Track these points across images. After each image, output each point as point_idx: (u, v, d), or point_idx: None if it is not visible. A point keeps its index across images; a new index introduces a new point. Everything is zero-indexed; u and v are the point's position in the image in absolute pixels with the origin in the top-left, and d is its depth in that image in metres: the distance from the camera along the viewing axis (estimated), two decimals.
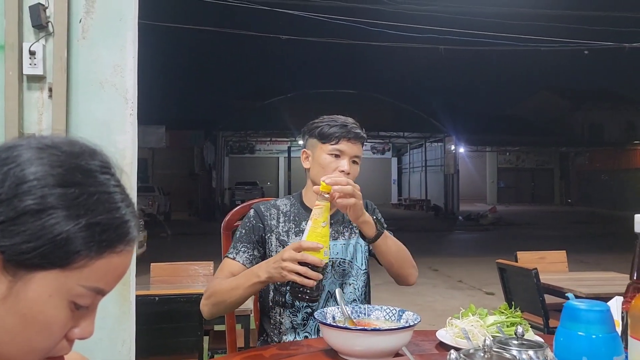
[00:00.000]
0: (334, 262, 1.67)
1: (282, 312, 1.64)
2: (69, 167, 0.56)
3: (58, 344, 0.59)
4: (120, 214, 0.58)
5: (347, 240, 1.72)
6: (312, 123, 1.73)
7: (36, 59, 1.90)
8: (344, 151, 1.65)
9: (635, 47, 14.07)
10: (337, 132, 1.65)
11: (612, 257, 9.37)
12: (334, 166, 1.64)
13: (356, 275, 1.70)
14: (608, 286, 3.73)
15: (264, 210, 1.71)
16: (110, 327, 1.96)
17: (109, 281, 0.60)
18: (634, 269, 0.76)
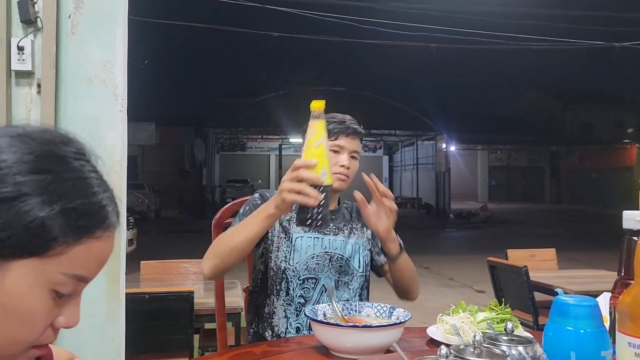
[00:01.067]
0: (332, 256, 1.67)
1: (276, 301, 1.64)
2: (41, 154, 0.55)
3: (42, 333, 0.58)
4: (97, 198, 0.57)
5: (346, 238, 1.72)
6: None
7: (24, 55, 1.89)
8: (343, 146, 1.68)
9: (625, 47, 14.17)
10: (336, 128, 1.67)
11: (602, 254, 9.45)
12: (334, 161, 1.65)
13: (352, 275, 1.70)
14: (597, 283, 3.77)
15: (269, 196, 1.68)
16: (100, 325, 1.95)
17: (90, 268, 0.59)
18: (621, 265, 0.76)
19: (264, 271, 1.69)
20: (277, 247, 1.66)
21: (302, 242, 1.66)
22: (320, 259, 1.66)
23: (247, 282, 1.84)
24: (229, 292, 3.04)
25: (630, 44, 14.17)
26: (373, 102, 26.07)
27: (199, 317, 2.86)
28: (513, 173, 36.87)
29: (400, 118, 26.62)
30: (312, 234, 1.67)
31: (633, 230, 0.74)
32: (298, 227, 1.65)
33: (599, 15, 16.73)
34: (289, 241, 1.66)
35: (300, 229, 1.66)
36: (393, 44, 16.49)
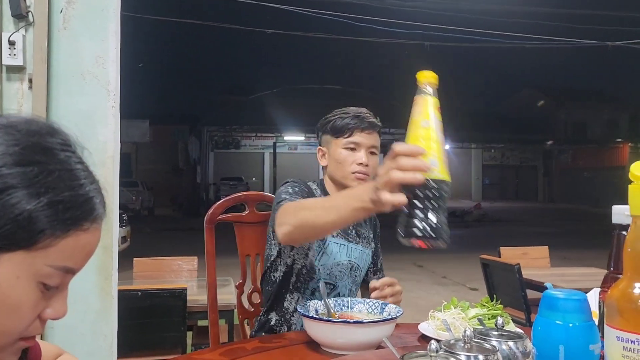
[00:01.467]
0: (352, 266, 1.64)
1: (301, 299, 1.59)
2: (27, 146, 0.55)
3: (30, 325, 0.58)
4: (84, 190, 0.57)
5: (364, 248, 1.69)
6: (325, 118, 1.67)
7: (16, 49, 1.87)
8: (359, 143, 1.59)
9: (618, 46, 14.24)
10: (350, 124, 1.59)
11: (594, 253, 9.51)
12: (351, 160, 1.58)
13: (359, 285, 1.70)
14: (589, 281, 3.78)
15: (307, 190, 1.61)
16: (92, 322, 1.94)
17: (77, 260, 0.58)
18: (610, 259, 0.77)
19: (291, 266, 1.61)
20: (309, 246, 1.58)
21: (331, 247, 1.60)
22: (343, 268, 1.62)
23: (240, 278, 1.84)
24: (221, 289, 3.03)
25: (623, 43, 14.24)
26: (367, 100, 26.07)
27: (191, 314, 2.85)
28: (506, 172, 37.02)
29: (395, 116, 26.60)
30: (339, 240, 1.62)
31: (622, 224, 0.74)
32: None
33: (592, 14, 16.80)
34: (322, 241, 1.59)
35: None
36: (387, 42, 16.50)
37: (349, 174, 1.59)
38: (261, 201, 1.87)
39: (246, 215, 1.81)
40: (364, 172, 1.58)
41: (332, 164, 1.63)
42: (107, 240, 1.93)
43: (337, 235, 1.62)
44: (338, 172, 1.61)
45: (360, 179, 1.58)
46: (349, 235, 1.65)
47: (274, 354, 1.23)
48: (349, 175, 1.59)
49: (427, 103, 0.99)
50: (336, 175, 1.62)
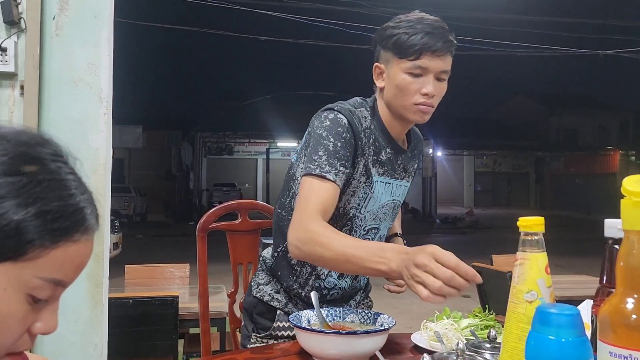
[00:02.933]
0: (395, 204, 1.50)
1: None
2: (15, 155, 0.54)
3: (18, 339, 0.56)
4: (75, 201, 0.56)
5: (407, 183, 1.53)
6: (386, 28, 1.39)
7: (7, 56, 1.86)
8: (427, 68, 1.32)
9: (609, 55, 14.37)
10: (419, 44, 1.30)
11: (585, 260, 9.55)
12: (415, 88, 1.33)
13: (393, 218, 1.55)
14: (580, 289, 3.80)
15: (357, 123, 1.37)
16: (82, 331, 1.92)
17: (67, 272, 0.57)
18: (603, 272, 0.77)
19: None
20: (354, 191, 1.40)
21: (378, 188, 1.43)
22: (387, 209, 1.48)
23: (232, 287, 1.83)
24: (213, 297, 3.02)
25: (614, 52, 14.38)
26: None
27: (183, 322, 2.83)
28: (498, 178, 37.21)
29: None
30: (385, 178, 1.44)
31: (615, 238, 0.74)
32: (374, 167, 1.40)
33: (583, 23, 16.96)
34: (369, 186, 1.41)
35: (375, 171, 1.41)
36: None
37: (410, 105, 1.36)
38: (253, 209, 1.86)
39: (238, 224, 1.81)
40: (429, 104, 1.35)
41: (390, 88, 1.38)
42: (98, 247, 1.92)
43: (383, 174, 1.43)
44: (397, 100, 1.38)
45: (423, 112, 1.36)
46: (395, 171, 1.47)
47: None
48: (410, 107, 1.36)
49: (536, 262, 0.78)
50: (394, 102, 1.39)
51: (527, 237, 0.79)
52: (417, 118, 1.38)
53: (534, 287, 0.77)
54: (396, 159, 1.46)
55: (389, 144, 1.44)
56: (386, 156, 1.43)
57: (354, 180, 1.38)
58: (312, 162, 1.29)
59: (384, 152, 1.42)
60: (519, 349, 0.74)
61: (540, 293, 0.76)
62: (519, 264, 0.79)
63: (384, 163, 1.42)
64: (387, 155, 1.43)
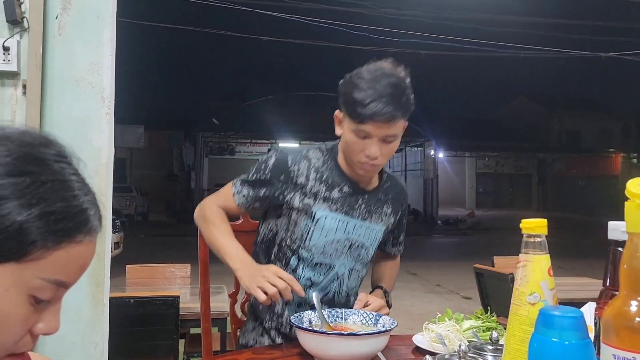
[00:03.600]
0: (352, 243, 1.50)
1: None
2: (19, 156, 0.54)
3: (20, 340, 0.56)
4: (78, 202, 0.56)
5: (372, 224, 1.53)
6: (346, 83, 1.40)
7: (10, 55, 1.86)
8: (370, 133, 1.35)
9: (611, 57, 14.36)
10: (364, 112, 1.32)
11: (587, 262, 9.54)
12: (360, 148, 1.38)
13: (365, 264, 1.57)
14: (582, 291, 3.79)
15: (291, 164, 1.47)
16: (83, 330, 1.92)
17: (70, 273, 0.57)
18: (606, 275, 0.76)
19: (272, 239, 1.54)
20: (295, 222, 1.47)
21: (324, 222, 1.46)
22: (340, 245, 1.48)
23: (233, 287, 1.82)
24: (215, 297, 3.01)
25: (616, 54, 14.36)
26: None
27: (184, 322, 2.83)
28: (500, 180, 37.15)
29: None
30: (338, 215, 1.47)
31: (618, 241, 0.74)
32: (324, 203, 1.46)
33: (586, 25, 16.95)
34: (310, 219, 1.46)
35: (325, 206, 1.46)
36: (383, 50, 16.56)
37: (356, 162, 1.42)
38: None
39: (240, 224, 1.80)
40: (372, 164, 1.40)
41: (342, 140, 1.45)
42: (99, 247, 1.91)
43: (336, 210, 1.47)
44: (346, 152, 1.45)
45: (366, 170, 1.43)
46: (353, 210, 1.49)
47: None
48: (356, 162, 1.42)
49: (538, 264, 0.78)
50: (345, 153, 1.47)
51: (529, 239, 0.79)
52: (362, 173, 1.45)
53: (536, 289, 0.77)
54: (355, 199, 1.50)
55: (345, 183, 1.49)
56: (341, 194, 1.48)
57: (293, 211, 1.47)
58: (239, 177, 1.57)
59: (337, 189, 1.48)
60: (521, 351, 0.74)
61: (543, 295, 0.77)
62: (522, 266, 0.79)
63: (336, 200, 1.48)
64: (342, 193, 1.48)
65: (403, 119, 1.38)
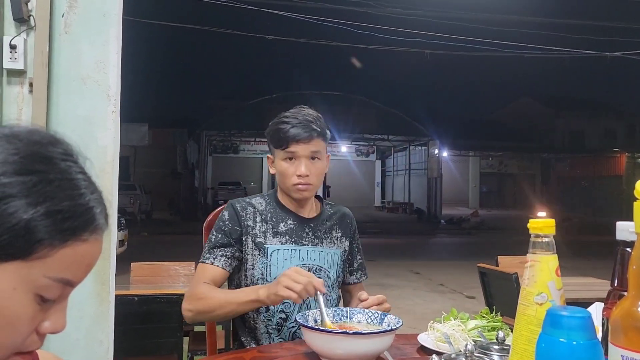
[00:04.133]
0: (310, 268, 1.60)
1: (256, 317, 1.59)
2: (27, 155, 0.54)
3: (26, 339, 0.56)
4: (84, 200, 0.56)
5: (325, 248, 1.66)
6: (271, 124, 1.65)
7: (17, 53, 1.87)
8: (296, 152, 1.57)
9: (617, 57, 14.30)
10: (284, 137, 1.56)
11: (591, 262, 9.52)
12: (291, 172, 1.58)
13: (331, 286, 1.65)
14: (586, 291, 3.78)
15: (240, 210, 1.63)
16: (88, 328, 1.93)
17: (76, 272, 0.57)
18: (614, 275, 0.76)
19: (238, 286, 1.63)
20: (252, 264, 1.60)
21: (278, 255, 1.60)
22: None
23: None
24: None
25: (622, 54, 14.30)
26: (367, 107, 26.16)
27: None
28: (504, 180, 37.07)
29: (394, 123, 26.69)
30: (289, 245, 1.61)
31: (626, 241, 0.74)
32: (274, 238, 1.61)
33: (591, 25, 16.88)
34: (265, 257, 1.59)
35: (276, 241, 1.60)
36: (388, 50, 16.55)
37: (290, 186, 1.60)
38: None
39: None
40: (305, 182, 1.58)
41: (277, 174, 1.64)
42: (105, 245, 1.91)
43: (286, 242, 1.61)
44: (282, 183, 1.63)
45: (301, 190, 1.59)
46: (302, 238, 1.63)
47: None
48: (291, 187, 1.60)
49: (546, 264, 0.78)
50: (282, 185, 1.64)
51: (537, 239, 0.79)
52: (298, 196, 1.61)
53: (544, 289, 0.77)
54: (301, 228, 1.64)
55: (288, 217, 1.65)
56: (287, 227, 1.63)
57: (247, 255, 1.59)
58: (202, 255, 1.59)
59: (282, 224, 1.63)
60: (528, 351, 0.74)
61: (550, 295, 0.76)
62: (529, 266, 0.79)
63: (284, 233, 1.62)
64: (287, 226, 1.63)
65: (321, 139, 1.60)
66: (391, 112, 26.91)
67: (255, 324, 1.60)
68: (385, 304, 1.43)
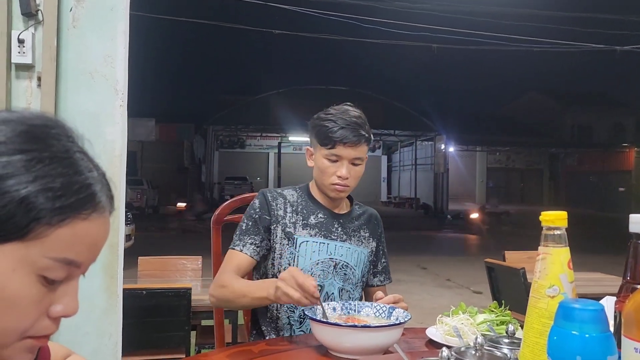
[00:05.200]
0: (337, 263, 1.62)
1: (279, 307, 1.60)
2: (21, 133, 0.54)
3: (35, 322, 0.55)
4: (81, 177, 0.55)
5: (353, 246, 1.67)
6: (316, 118, 1.65)
7: (25, 48, 1.87)
8: (341, 156, 1.58)
9: (626, 50, 14.18)
10: (334, 137, 1.56)
11: (599, 258, 9.47)
12: (332, 171, 1.59)
13: (355, 284, 1.66)
14: (594, 286, 3.77)
15: (271, 199, 1.65)
16: (97, 320, 1.94)
17: (78, 251, 0.55)
18: (627, 268, 0.75)
19: (267, 275, 1.65)
20: (280, 254, 1.61)
21: (307, 247, 1.61)
22: (325, 266, 1.61)
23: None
24: None
25: (632, 48, 14.18)
26: (373, 102, 26.06)
27: (196, 313, 2.85)
28: (511, 175, 36.91)
29: (400, 118, 26.64)
30: (318, 238, 1.63)
31: (639, 234, 0.73)
32: (304, 230, 1.62)
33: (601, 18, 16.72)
34: (293, 247, 1.61)
35: (305, 233, 1.62)
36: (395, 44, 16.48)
37: (328, 185, 1.61)
38: None
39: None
40: (343, 184, 1.60)
41: (315, 169, 1.65)
42: (113, 238, 1.93)
43: (315, 234, 1.63)
44: (319, 178, 1.64)
45: (338, 191, 1.62)
46: (332, 233, 1.65)
47: (280, 357, 1.22)
48: (328, 186, 1.62)
49: (558, 257, 0.77)
50: (318, 180, 1.66)
51: (549, 232, 0.78)
52: (334, 195, 1.64)
53: (556, 282, 0.76)
54: (331, 222, 1.67)
55: (319, 211, 1.67)
56: (317, 220, 1.66)
57: (276, 244, 1.62)
58: (233, 241, 1.61)
59: (313, 217, 1.66)
60: (540, 344, 0.73)
61: (562, 288, 0.76)
62: (541, 258, 0.78)
63: (314, 226, 1.64)
64: (317, 219, 1.66)
65: (366, 144, 1.62)
66: (397, 107, 26.84)
67: (278, 314, 1.61)
68: (402, 303, 1.40)
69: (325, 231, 1.64)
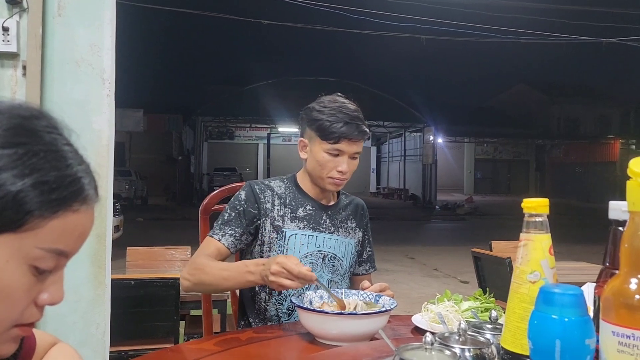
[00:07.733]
0: (325, 255, 1.63)
1: (267, 299, 1.61)
2: (11, 128, 0.54)
3: (24, 311, 0.57)
4: (72, 171, 0.56)
5: (340, 237, 1.68)
6: (312, 110, 1.62)
7: (9, 36, 1.85)
8: (343, 150, 1.58)
9: (612, 43, 14.28)
10: (338, 132, 1.55)
11: (584, 247, 9.59)
12: (332, 165, 1.59)
13: (343, 275, 1.67)
14: (579, 275, 3.82)
15: (259, 192, 1.63)
16: (84, 311, 1.93)
17: (69, 242, 0.57)
18: (607, 255, 0.77)
19: None
20: (269, 247, 1.61)
21: (295, 239, 1.61)
22: (314, 258, 1.62)
23: None
24: None
25: (618, 40, 14.28)
26: (362, 93, 26.00)
27: (184, 303, 2.86)
28: (499, 166, 37.18)
29: (389, 109, 26.65)
30: (307, 231, 1.63)
31: (619, 220, 0.75)
32: (292, 223, 1.62)
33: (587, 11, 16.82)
34: (282, 240, 1.61)
35: (294, 225, 1.62)
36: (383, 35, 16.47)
37: (326, 178, 1.61)
38: None
39: None
40: (342, 178, 1.61)
41: (312, 161, 1.63)
42: (100, 229, 1.93)
43: (304, 227, 1.63)
44: (316, 171, 1.63)
45: (337, 185, 1.63)
46: (320, 225, 1.65)
47: (268, 345, 1.23)
48: (326, 179, 1.61)
49: (539, 243, 0.78)
50: (314, 173, 1.64)
51: (531, 219, 0.79)
52: (332, 188, 1.64)
53: (537, 267, 0.78)
54: (319, 214, 1.67)
55: (307, 203, 1.67)
56: (305, 212, 1.65)
57: (265, 237, 1.61)
58: (213, 228, 1.60)
59: (301, 209, 1.65)
60: (521, 328, 0.75)
61: (543, 273, 0.77)
62: (523, 245, 0.80)
63: (302, 218, 1.64)
64: (306, 211, 1.65)
65: (366, 139, 1.65)
66: (386, 99, 26.85)
67: (265, 305, 1.62)
68: (388, 291, 1.42)
69: (313, 223, 1.65)
